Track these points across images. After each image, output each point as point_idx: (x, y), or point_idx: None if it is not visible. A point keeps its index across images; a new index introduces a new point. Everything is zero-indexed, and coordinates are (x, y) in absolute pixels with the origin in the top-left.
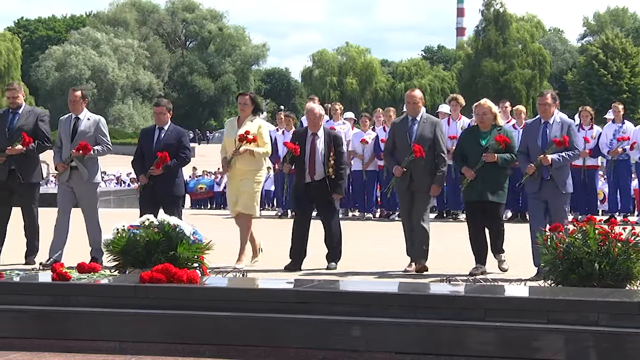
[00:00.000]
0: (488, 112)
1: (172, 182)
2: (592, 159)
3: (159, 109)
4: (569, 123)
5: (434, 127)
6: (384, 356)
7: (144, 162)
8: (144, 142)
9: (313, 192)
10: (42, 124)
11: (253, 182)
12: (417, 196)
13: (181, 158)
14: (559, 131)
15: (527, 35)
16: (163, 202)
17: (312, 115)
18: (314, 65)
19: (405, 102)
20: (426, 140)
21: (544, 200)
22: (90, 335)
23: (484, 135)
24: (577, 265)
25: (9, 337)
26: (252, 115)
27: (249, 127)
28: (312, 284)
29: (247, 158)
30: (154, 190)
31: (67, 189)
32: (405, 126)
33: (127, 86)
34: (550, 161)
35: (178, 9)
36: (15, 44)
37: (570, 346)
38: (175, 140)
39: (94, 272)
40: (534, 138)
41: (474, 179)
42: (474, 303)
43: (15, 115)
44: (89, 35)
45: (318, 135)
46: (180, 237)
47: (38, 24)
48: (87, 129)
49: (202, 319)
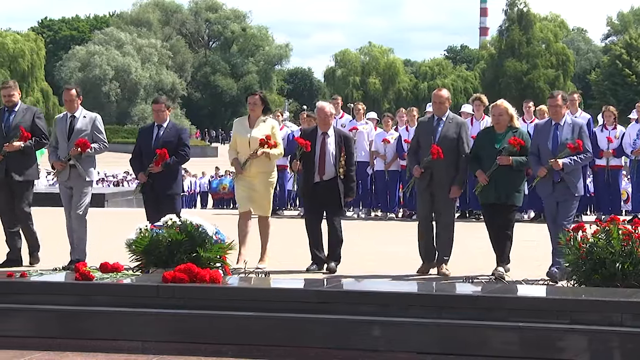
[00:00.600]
0: (504, 113)
1: (171, 179)
2: (616, 159)
3: (158, 106)
4: (580, 125)
5: (459, 128)
6: (405, 356)
7: (142, 160)
8: (142, 140)
9: (321, 192)
10: (39, 120)
11: (267, 184)
12: (439, 197)
13: (180, 155)
14: (569, 133)
15: (550, 35)
16: (162, 200)
17: (322, 113)
18: (337, 65)
19: (432, 102)
20: (450, 141)
21: (557, 202)
22: (113, 335)
23: (499, 137)
24: (600, 265)
25: (33, 337)
26: (263, 115)
27: (264, 128)
28: (333, 284)
29: (263, 160)
30: (153, 188)
31: (66, 190)
32: (431, 126)
33: (150, 86)
34: (561, 166)
35: (201, 8)
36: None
37: (594, 347)
38: (175, 137)
39: (117, 272)
40: (545, 140)
41: (489, 181)
42: (497, 303)
43: (12, 113)
44: (112, 35)
45: (328, 134)
46: (202, 237)
47: (62, 24)
48: (83, 127)
49: (225, 318)
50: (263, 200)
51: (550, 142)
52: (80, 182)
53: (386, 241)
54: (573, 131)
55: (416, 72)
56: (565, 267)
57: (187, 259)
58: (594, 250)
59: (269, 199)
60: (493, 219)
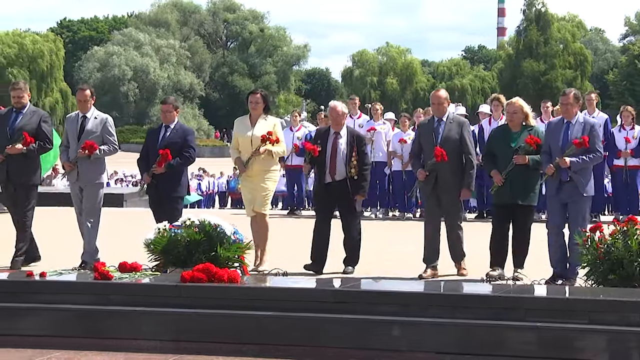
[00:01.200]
0: (519, 111)
1: (175, 181)
2: (634, 159)
3: (166, 107)
4: (591, 123)
5: (460, 128)
6: (423, 356)
7: (148, 161)
8: (149, 141)
9: (333, 192)
10: (45, 125)
11: (269, 181)
12: (445, 199)
13: (185, 157)
14: (580, 132)
15: (568, 35)
16: (165, 202)
17: (334, 113)
18: (354, 66)
19: (431, 103)
20: (452, 142)
21: (563, 203)
22: (132, 334)
23: (515, 136)
24: (618, 265)
25: (52, 336)
26: (264, 113)
27: (264, 126)
28: (351, 284)
29: (265, 158)
30: (157, 189)
31: (77, 190)
32: (431, 127)
33: (168, 86)
34: (568, 163)
35: (219, 9)
36: (58, 45)
37: (612, 347)
38: (181, 138)
39: (136, 272)
40: (556, 138)
41: (505, 181)
42: (514, 303)
43: (19, 114)
44: (131, 35)
45: (341, 134)
46: (221, 237)
47: (81, 24)
48: (94, 128)
49: (243, 318)
50: (262, 197)
51: (561, 140)
52: (91, 185)
53: (404, 241)
54: (584, 130)
55: (434, 73)
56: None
57: (205, 258)
58: (612, 250)
59: (269, 195)
60: (507, 222)
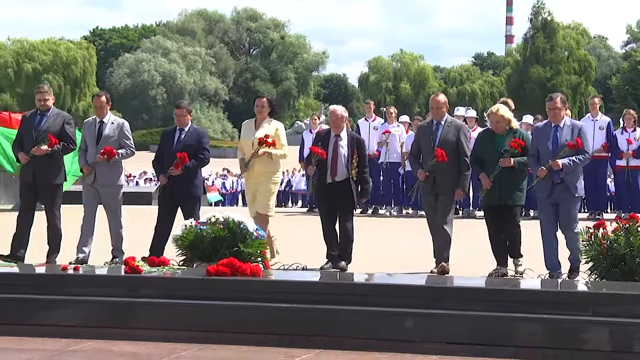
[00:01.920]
0: (501, 120)
1: (191, 182)
2: (636, 160)
3: (180, 111)
4: (579, 126)
5: (457, 131)
6: (435, 346)
7: (163, 163)
8: (164, 143)
9: (334, 192)
10: (69, 127)
11: (270, 183)
12: (440, 199)
13: (200, 159)
14: (569, 135)
15: (573, 42)
16: (182, 202)
17: (334, 116)
18: (370, 71)
19: (430, 107)
20: (450, 144)
21: (555, 204)
22: (160, 325)
23: (500, 140)
24: (620, 260)
25: (85, 326)
26: (269, 117)
27: (267, 130)
28: (367, 277)
29: (265, 160)
30: (173, 190)
31: (91, 190)
32: (430, 130)
33: (194, 91)
34: (561, 166)
35: (243, 18)
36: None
37: (615, 338)
38: (195, 141)
39: (164, 266)
40: (545, 142)
41: (493, 183)
42: (522, 296)
43: (43, 117)
44: (159, 43)
45: (341, 136)
46: (244, 234)
47: (112, 33)
48: (111, 132)
49: (265, 310)
50: (265, 199)
51: (550, 143)
52: (111, 187)
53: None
54: (572, 133)
55: (445, 78)
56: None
57: (229, 253)
58: (614, 246)
59: (271, 198)
60: (498, 222)
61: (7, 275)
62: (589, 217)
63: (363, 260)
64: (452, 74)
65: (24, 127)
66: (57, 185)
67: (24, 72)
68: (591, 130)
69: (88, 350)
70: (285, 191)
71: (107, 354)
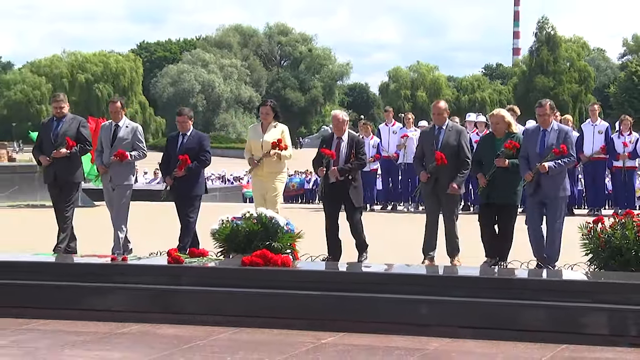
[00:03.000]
0: (501, 122)
1: (193, 182)
2: (631, 161)
3: (182, 118)
4: (565, 130)
5: (458, 135)
6: (448, 330)
7: (169, 165)
8: (170, 147)
9: (337, 191)
10: (84, 129)
11: (277, 182)
12: (444, 198)
13: (201, 160)
14: (556, 138)
15: (574, 54)
16: (183, 200)
17: (336, 120)
18: (390, 81)
19: (432, 113)
20: (451, 148)
21: (541, 202)
22: (199, 310)
23: (498, 143)
24: (617, 252)
25: (132, 311)
26: (274, 121)
27: (274, 132)
28: (386, 267)
29: (274, 161)
30: (177, 189)
31: (109, 189)
32: (432, 134)
33: (230, 99)
34: (547, 169)
35: (274, 33)
36: (137, 64)
37: (613, 323)
38: (197, 144)
39: (203, 257)
40: (534, 145)
41: (490, 182)
42: (528, 285)
43: (60, 122)
44: (199, 56)
45: (342, 139)
46: (275, 228)
47: (157, 46)
48: (125, 135)
49: (294, 296)
50: (273, 197)
51: (538, 147)
52: (121, 186)
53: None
54: (559, 137)
55: (458, 87)
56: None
57: (262, 246)
58: (612, 239)
59: (278, 196)
60: (489, 218)
61: (62, 265)
62: (589, 213)
63: (382, 252)
64: (464, 83)
65: (43, 132)
66: (77, 184)
67: (78, 82)
68: (591, 134)
69: (135, 333)
70: (312, 189)
71: (152, 336)
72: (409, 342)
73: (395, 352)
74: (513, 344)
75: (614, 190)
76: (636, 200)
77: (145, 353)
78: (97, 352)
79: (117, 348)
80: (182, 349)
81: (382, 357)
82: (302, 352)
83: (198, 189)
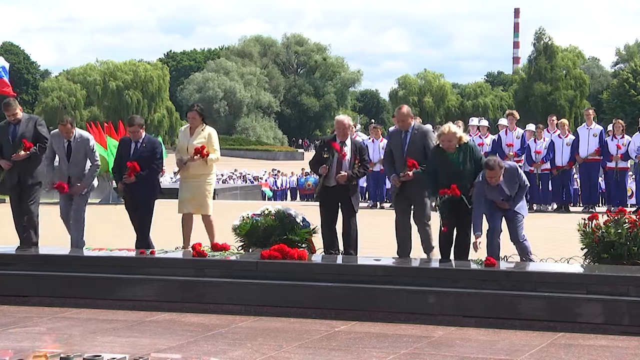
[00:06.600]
0: (453, 139)
1: (146, 188)
2: (623, 162)
3: (133, 128)
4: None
5: (424, 136)
6: (453, 319)
7: (121, 170)
8: (123, 152)
9: (336, 194)
10: (41, 127)
11: (205, 184)
12: (414, 199)
13: (153, 168)
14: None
15: (570, 63)
16: (137, 205)
17: (341, 125)
18: (399, 87)
19: (396, 120)
20: (417, 149)
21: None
22: (222, 300)
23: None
24: (610, 247)
25: (159, 301)
26: (202, 124)
27: (201, 136)
28: (394, 260)
29: (200, 164)
30: (132, 194)
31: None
32: (399, 137)
33: (251, 104)
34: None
35: (291, 43)
36: (164, 72)
37: (606, 312)
38: (150, 151)
39: (225, 251)
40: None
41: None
42: (527, 277)
43: (16, 126)
44: (222, 64)
45: (346, 143)
46: (292, 224)
47: (183, 55)
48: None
49: (308, 288)
50: (202, 201)
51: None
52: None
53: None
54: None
55: (462, 93)
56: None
57: (279, 240)
58: (605, 235)
59: (208, 197)
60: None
61: (93, 257)
62: (584, 210)
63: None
64: (468, 90)
65: (2, 137)
66: (39, 182)
67: (109, 89)
68: (586, 137)
69: (162, 321)
70: None
71: (178, 324)
72: (416, 330)
73: (403, 339)
74: (513, 332)
75: (607, 189)
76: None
77: (172, 339)
78: (126, 339)
79: (146, 335)
80: (206, 335)
81: (391, 344)
82: (316, 339)
83: (152, 193)
